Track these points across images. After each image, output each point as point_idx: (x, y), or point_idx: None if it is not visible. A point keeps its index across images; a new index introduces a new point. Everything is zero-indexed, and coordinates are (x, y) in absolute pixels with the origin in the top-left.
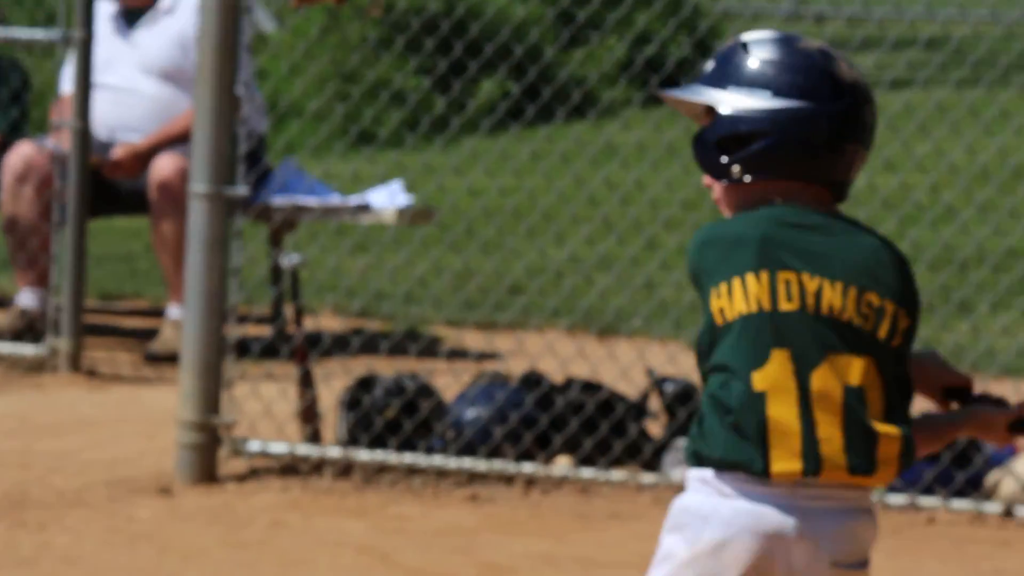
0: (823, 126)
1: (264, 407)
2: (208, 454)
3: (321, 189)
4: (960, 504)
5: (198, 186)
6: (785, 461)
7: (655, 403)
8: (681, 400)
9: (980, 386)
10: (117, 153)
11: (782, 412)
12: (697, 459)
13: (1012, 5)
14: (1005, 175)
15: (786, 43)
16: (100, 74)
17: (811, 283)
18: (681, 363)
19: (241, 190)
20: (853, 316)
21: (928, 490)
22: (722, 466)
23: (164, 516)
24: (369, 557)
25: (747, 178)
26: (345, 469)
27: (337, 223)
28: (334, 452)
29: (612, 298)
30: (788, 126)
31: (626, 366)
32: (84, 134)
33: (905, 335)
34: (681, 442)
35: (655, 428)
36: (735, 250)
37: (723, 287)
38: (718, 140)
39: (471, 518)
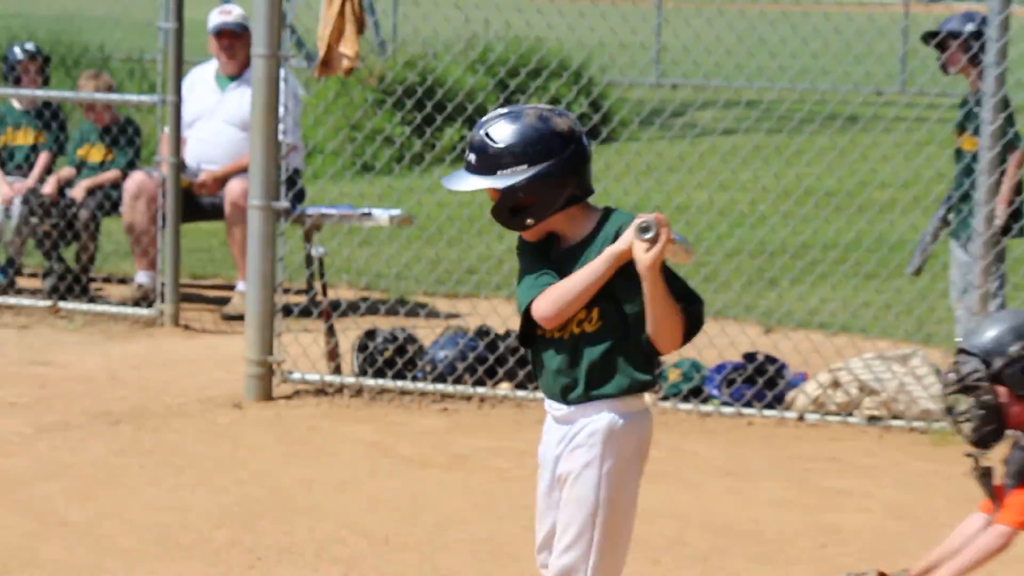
0: (568, 168)
1: (302, 350)
2: (265, 382)
3: (340, 206)
4: (769, 413)
5: (255, 200)
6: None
7: None
8: None
9: (780, 336)
10: (202, 178)
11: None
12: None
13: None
14: (800, 193)
15: (515, 120)
16: (196, 121)
17: None
18: None
19: (283, 204)
20: None
21: (748, 404)
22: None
23: (237, 421)
24: (375, 449)
25: (529, 222)
26: (358, 391)
27: (348, 226)
28: (350, 380)
29: None
30: (548, 180)
31: None
32: (177, 166)
33: None
34: None
35: None
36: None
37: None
38: (510, 208)
39: (443, 424)
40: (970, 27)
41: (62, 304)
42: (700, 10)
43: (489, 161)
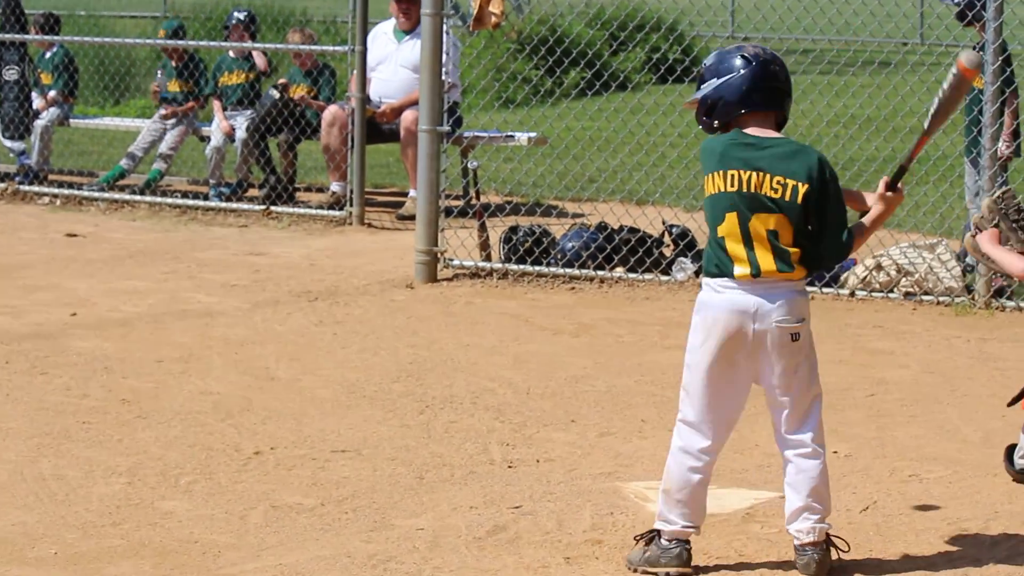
0: (741, 84)
1: (460, 242)
2: (431, 267)
3: (489, 130)
4: (827, 290)
5: (423, 125)
6: (741, 269)
7: (667, 238)
8: (681, 237)
9: None
10: (383, 109)
11: (734, 246)
12: (705, 272)
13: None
14: (845, 119)
15: (719, 53)
16: (378, 65)
17: (744, 174)
18: (681, 218)
19: (445, 128)
20: (768, 190)
21: (810, 284)
22: (712, 275)
23: (410, 299)
24: (518, 320)
25: (716, 124)
26: (503, 275)
27: (495, 146)
28: (497, 266)
29: (643, 183)
30: (726, 90)
31: (652, 219)
32: (363, 100)
33: (805, 196)
34: (682, 260)
35: (667, 251)
36: (711, 157)
37: (706, 178)
38: (705, 112)
39: (570, 299)
40: None
41: (273, 208)
42: None
43: (700, 80)
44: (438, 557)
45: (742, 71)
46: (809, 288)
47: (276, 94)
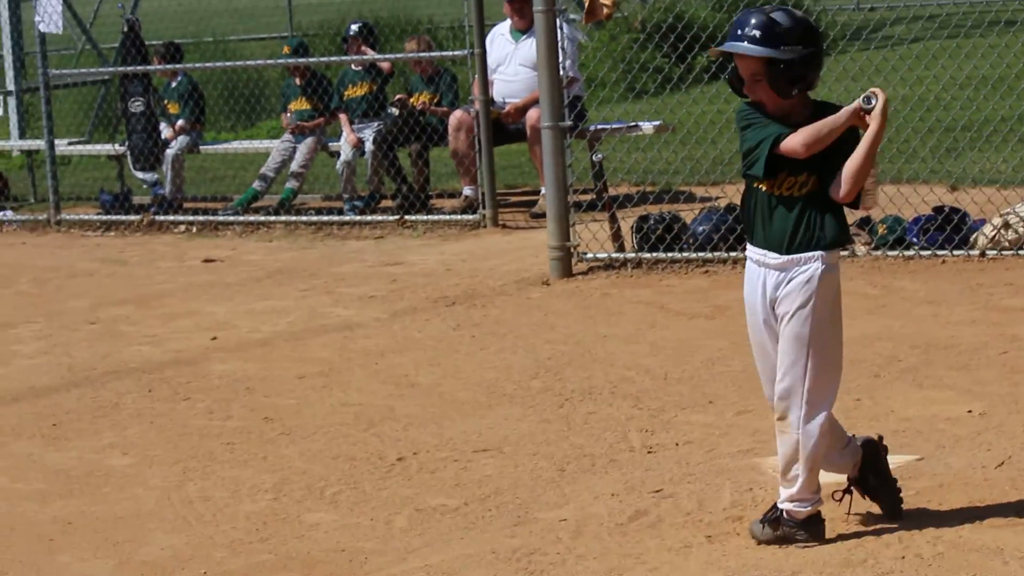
0: (821, 56)
1: (592, 235)
2: (566, 262)
3: (616, 122)
4: (957, 252)
5: (546, 122)
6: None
7: None
8: None
9: (961, 193)
10: (507, 109)
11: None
12: (834, 243)
13: None
14: (977, 80)
15: (789, 13)
16: (498, 66)
17: None
18: None
19: (567, 123)
20: None
21: (941, 247)
22: (841, 244)
23: (546, 295)
24: (653, 307)
25: (795, 92)
26: (637, 264)
27: (619, 136)
28: (630, 255)
29: None
30: (813, 61)
31: None
32: (487, 102)
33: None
34: None
35: None
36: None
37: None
38: (787, 78)
39: (704, 282)
40: None
41: (408, 217)
42: None
43: (774, 38)
44: (581, 546)
45: (819, 45)
46: (940, 251)
47: (395, 111)
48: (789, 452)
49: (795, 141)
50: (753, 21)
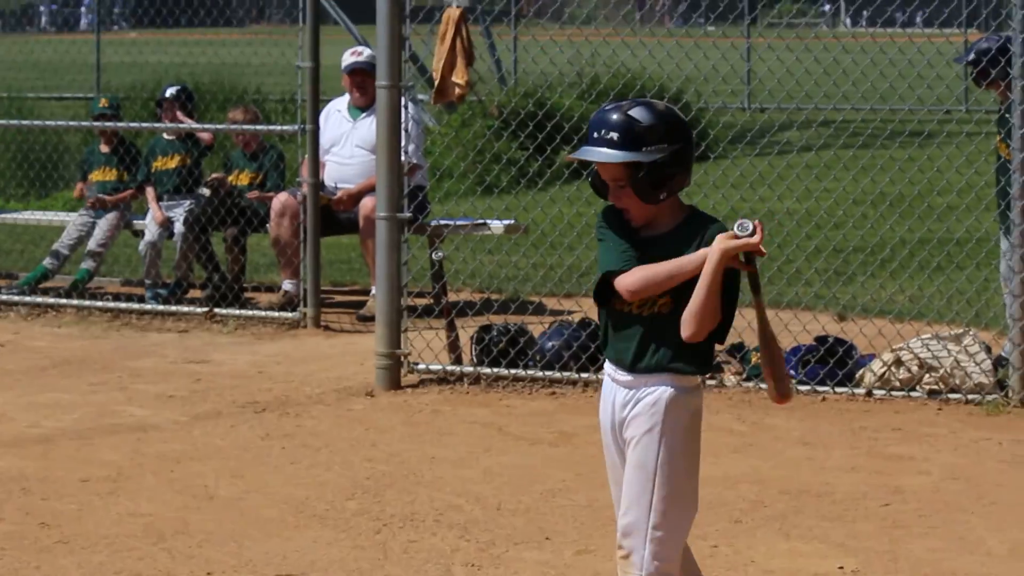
0: (692, 152)
1: (426, 343)
2: (394, 372)
3: (462, 218)
4: (841, 389)
5: (381, 212)
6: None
7: None
8: None
9: (849, 323)
10: (339, 196)
11: None
12: (694, 369)
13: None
14: (873, 197)
15: (650, 108)
16: (332, 147)
17: None
18: None
19: (405, 215)
20: None
21: (822, 382)
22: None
23: (369, 408)
24: (490, 429)
25: (663, 196)
26: (475, 379)
27: (465, 235)
28: (468, 369)
29: None
30: (682, 160)
31: None
32: (316, 186)
33: None
34: None
35: None
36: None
37: None
38: (652, 182)
39: (550, 405)
40: (994, 45)
41: (217, 311)
42: (783, 41)
43: (634, 138)
44: None
45: (688, 141)
46: (821, 387)
47: (207, 192)
48: None
49: (625, 282)
50: (610, 121)
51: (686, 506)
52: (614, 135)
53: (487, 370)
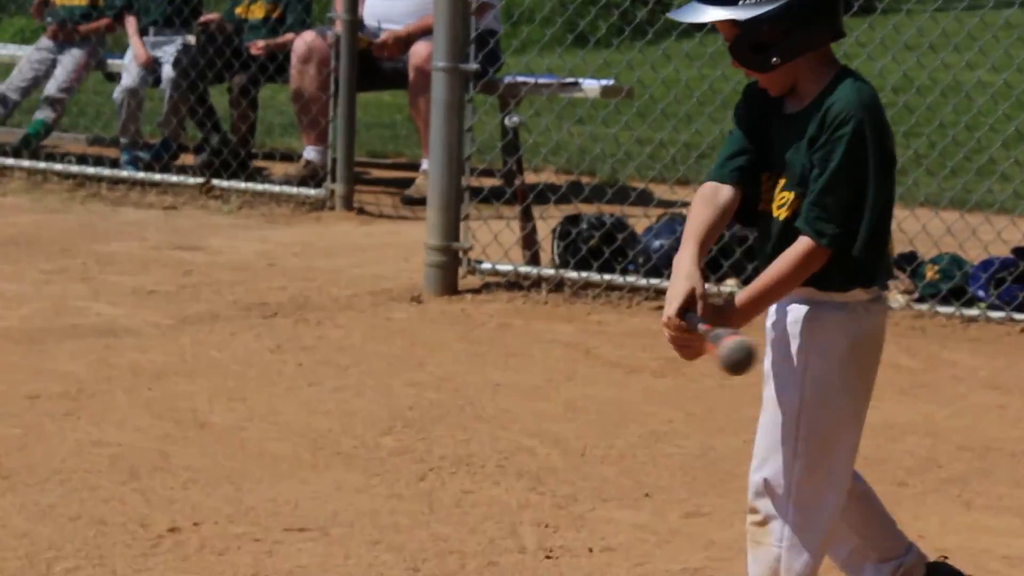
0: (821, 3)
1: (493, 236)
2: (450, 272)
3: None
4: None
5: (439, 62)
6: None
7: None
8: None
9: None
10: (384, 37)
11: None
12: (865, 281)
13: None
14: None
15: None
16: None
17: None
18: None
19: (472, 65)
20: None
21: (1020, 307)
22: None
23: (415, 318)
24: (575, 351)
25: (775, 61)
26: (557, 285)
27: (549, 96)
28: (548, 271)
29: None
30: (803, 13)
31: None
32: (353, 24)
33: None
34: None
35: None
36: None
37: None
38: (752, 44)
39: (657, 323)
40: None
41: (216, 182)
42: None
43: None
44: None
45: None
46: (1019, 315)
47: (191, 39)
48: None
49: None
50: None
51: (843, 463)
52: None
53: (573, 274)
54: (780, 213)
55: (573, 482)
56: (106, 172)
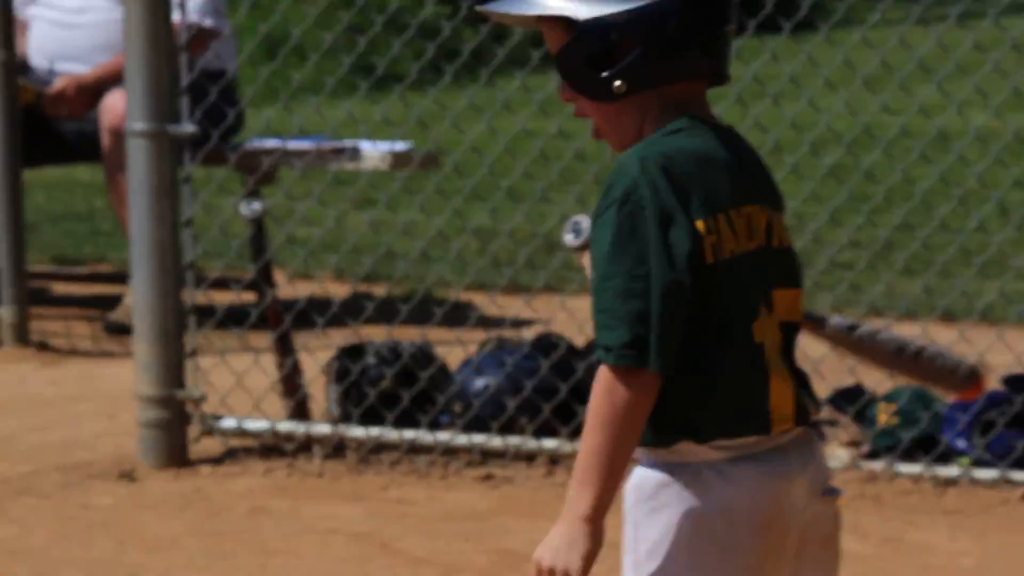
0: (697, 13)
1: (236, 379)
2: (175, 433)
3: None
4: None
5: (136, 123)
6: (783, 412)
7: None
8: None
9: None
10: (60, 86)
11: (776, 365)
12: (702, 434)
13: None
14: None
15: None
16: None
17: (758, 214)
18: None
19: (186, 127)
20: (785, 240)
21: (1018, 463)
22: (724, 433)
23: (126, 503)
24: (366, 545)
25: (618, 85)
26: (337, 448)
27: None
28: (323, 429)
29: None
30: (662, 23)
31: None
32: (10, 65)
33: None
34: None
35: None
36: (666, 193)
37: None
38: (588, 55)
39: (484, 501)
40: None
41: None
42: None
43: None
44: None
45: None
46: (1018, 474)
47: None
48: None
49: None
50: None
51: None
52: None
53: (358, 431)
54: None
55: None
56: None
